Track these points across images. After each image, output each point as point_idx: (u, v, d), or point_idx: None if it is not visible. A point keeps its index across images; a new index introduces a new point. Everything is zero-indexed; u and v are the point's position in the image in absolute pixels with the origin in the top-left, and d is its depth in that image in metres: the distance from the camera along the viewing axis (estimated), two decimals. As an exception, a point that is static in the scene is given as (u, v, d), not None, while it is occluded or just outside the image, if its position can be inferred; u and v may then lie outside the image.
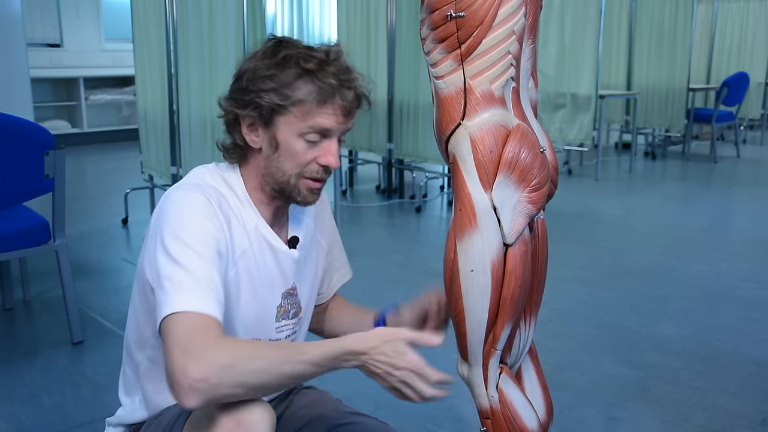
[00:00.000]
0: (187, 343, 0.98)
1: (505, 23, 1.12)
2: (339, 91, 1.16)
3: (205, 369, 0.95)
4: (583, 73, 6.12)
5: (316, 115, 1.16)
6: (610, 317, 2.99)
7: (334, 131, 1.18)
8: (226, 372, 0.96)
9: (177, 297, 1.03)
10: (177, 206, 1.14)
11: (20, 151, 2.35)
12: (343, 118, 1.18)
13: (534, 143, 1.17)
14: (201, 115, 3.94)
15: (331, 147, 1.19)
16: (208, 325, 1.01)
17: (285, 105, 1.15)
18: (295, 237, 1.31)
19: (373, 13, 5.49)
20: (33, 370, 2.46)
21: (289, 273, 1.29)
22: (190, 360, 0.96)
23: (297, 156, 1.18)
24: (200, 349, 0.97)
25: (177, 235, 1.09)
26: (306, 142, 1.18)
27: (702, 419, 2.15)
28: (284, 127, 1.17)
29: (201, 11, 3.86)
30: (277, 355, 1.01)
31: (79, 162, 6.78)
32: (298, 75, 1.15)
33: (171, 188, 1.20)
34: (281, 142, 1.18)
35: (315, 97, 1.15)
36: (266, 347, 1.05)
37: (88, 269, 3.58)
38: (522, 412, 1.27)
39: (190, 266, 1.06)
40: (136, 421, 1.31)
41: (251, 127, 1.20)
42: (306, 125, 1.16)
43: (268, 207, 1.26)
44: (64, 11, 7.69)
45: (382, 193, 5.56)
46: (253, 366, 0.98)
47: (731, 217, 5.15)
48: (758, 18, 8.61)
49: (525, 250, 1.19)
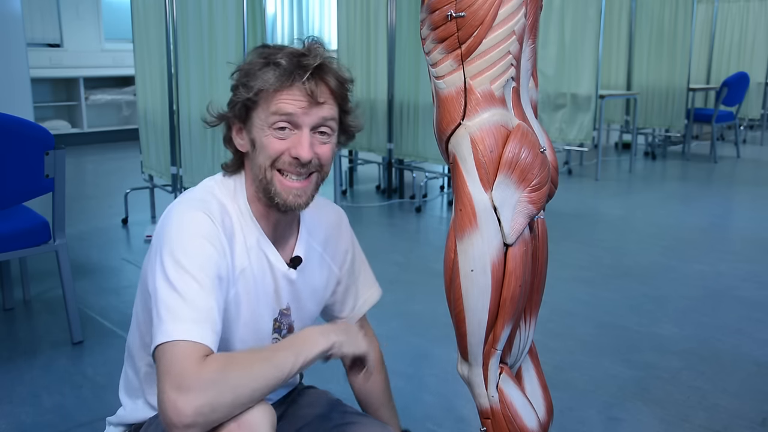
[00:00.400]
0: (177, 376, 0.98)
1: (506, 23, 1.12)
2: (297, 73, 1.14)
3: (196, 404, 0.96)
4: (583, 73, 6.12)
5: (277, 101, 1.14)
6: (610, 317, 2.99)
7: (299, 117, 1.15)
8: (216, 401, 0.97)
9: (171, 325, 1.03)
10: (178, 226, 1.13)
11: (20, 151, 2.35)
12: (306, 102, 1.15)
13: (534, 143, 1.17)
14: (201, 115, 3.92)
15: (302, 138, 1.16)
16: (199, 352, 1.01)
17: (250, 97, 1.15)
18: (297, 257, 1.29)
19: (373, 13, 5.49)
20: (33, 370, 2.46)
21: (284, 293, 1.28)
22: (181, 395, 0.96)
23: (267, 148, 1.16)
24: (189, 383, 0.97)
25: (177, 259, 1.08)
26: (275, 134, 1.16)
27: (702, 419, 2.15)
28: (256, 122, 1.17)
29: (201, 11, 3.86)
30: (265, 367, 1.03)
31: (79, 162, 6.78)
32: (263, 65, 1.15)
33: (175, 202, 1.20)
34: (255, 138, 1.18)
35: (273, 82, 1.14)
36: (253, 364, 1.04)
37: (88, 269, 3.58)
38: (522, 412, 1.27)
39: (187, 294, 1.06)
40: (137, 420, 1.32)
41: (239, 132, 1.21)
42: (269, 113, 1.15)
43: (268, 221, 1.24)
44: (64, 11, 7.69)
45: (382, 193, 5.56)
46: (243, 387, 1.00)
47: (731, 217, 5.15)
48: (758, 18, 8.61)
49: (525, 250, 1.19)
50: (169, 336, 1.02)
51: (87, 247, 3.94)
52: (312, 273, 1.33)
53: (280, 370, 1.04)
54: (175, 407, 0.95)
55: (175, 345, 1.01)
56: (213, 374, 0.98)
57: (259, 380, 1.01)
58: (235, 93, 1.17)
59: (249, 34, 3.97)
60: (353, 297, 1.45)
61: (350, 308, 1.45)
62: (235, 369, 1.00)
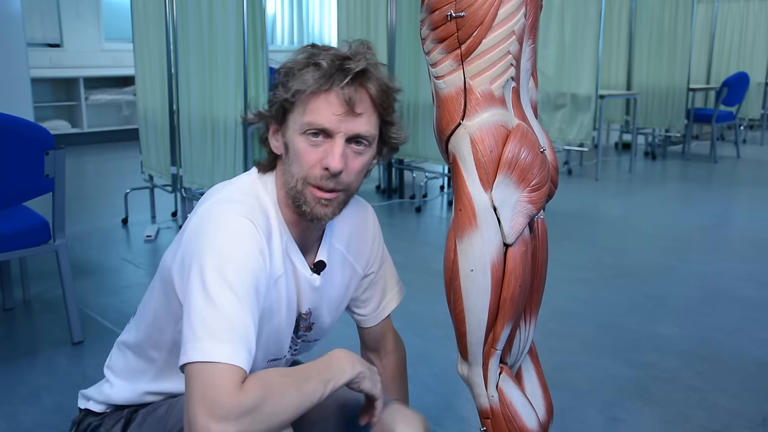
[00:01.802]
0: (213, 402, 0.95)
1: (505, 23, 1.12)
2: (336, 78, 1.08)
3: (233, 429, 0.94)
4: (583, 73, 6.12)
5: (313, 108, 1.09)
6: (610, 317, 2.99)
7: (332, 129, 1.10)
8: (249, 429, 0.96)
9: (207, 343, 0.99)
10: (221, 231, 1.08)
11: (20, 151, 2.35)
12: (342, 110, 1.09)
13: (534, 143, 1.17)
14: (201, 115, 3.94)
15: (334, 148, 1.10)
16: (236, 378, 0.98)
17: (287, 98, 1.10)
18: (320, 261, 1.26)
19: (373, 13, 5.49)
20: (33, 370, 2.46)
21: (307, 299, 1.26)
22: (214, 422, 0.94)
23: (300, 156, 1.11)
24: (226, 412, 0.94)
25: (218, 268, 1.03)
26: (308, 141, 1.11)
27: (702, 419, 2.15)
28: (291, 124, 1.13)
29: (201, 11, 3.86)
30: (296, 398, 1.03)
31: (79, 162, 6.78)
32: (304, 65, 1.10)
33: (215, 200, 1.14)
34: (289, 142, 1.14)
35: (311, 84, 1.08)
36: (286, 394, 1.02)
37: (88, 269, 3.58)
38: (522, 412, 1.27)
39: (226, 309, 1.02)
40: (126, 402, 1.30)
41: (275, 132, 1.16)
42: (303, 120, 1.10)
43: (297, 228, 1.20)
44: (64, 11, 7.69)
45: (382, 193, 5.56)
46: (276, 415, 1.00)
47: (731, 217, 5.15)
48: (758, 18, 8.61)
49: (525, 250, 1.19)
50: (205, 356, 0.98)
51: (87, 247, 3.94)
52: (334, 275, 1.30)
53: (310, 399, 1.05)
54: (202, 428, 0.94)
55: (211, 367, 0.97)
56: (249, 404, 0.96)
57: (291, 410, 1.02)
58: (274, 92, 1.13)
59: (249, 34, 3.97)
60: (378, 296, 1.42)
61: (373, 308, 1.43)
62: (270, 399, 0.99)
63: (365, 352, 1.47)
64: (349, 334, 1.57)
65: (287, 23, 9.83)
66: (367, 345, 1.47)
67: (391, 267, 1.46)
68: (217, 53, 3.89)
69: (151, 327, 1.26)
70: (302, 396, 1.03)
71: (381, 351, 1.47)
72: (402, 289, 1.47)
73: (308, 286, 1.25)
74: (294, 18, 9.86)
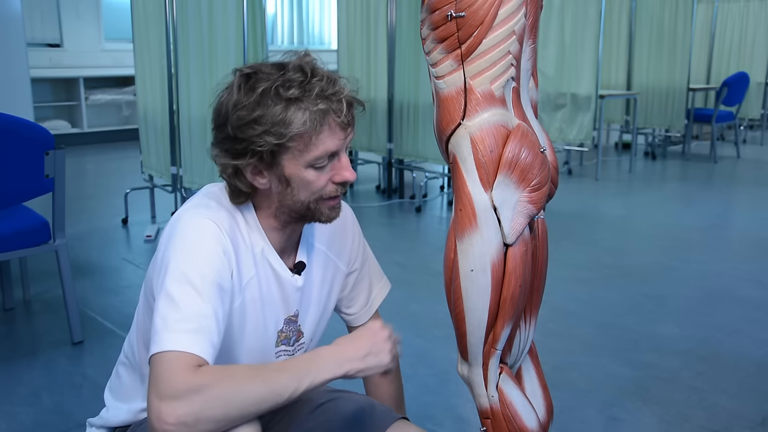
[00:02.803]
0: (164, 383, 0.95)
1: (506, 23, 1.12)
2: (332, 110, 1.11)
3: (179, 413, 0.93)
4: (583, 73, 6.12)
5: (318, 142, 1.11)
6: (610, 317, 2.99)
7: (339, 149, 1.15)
8: (202, 413, 0.94)
9: (164, 335, 1.00)
10: (183, 233, 1.11)
11: (20, 151, 2.35)
12: (342, 132, 1.13)
13: (534, 143, 1.17)
14: (201, 115, 3.94)
15: (342, 162, 1.15)
16: (188, 362, 0.98)
17: (283, 143, 1.10)
18: (300, 262, 1.27)
19: (373, 13, 5.49)
20: (33, 370, 2.46)
21: (292, 300, 1.26)
22: (164, 403, 0.94)
23: (311, 184, 1.14)
24: (174, 391, 0.94)
25: (179, 268, 1.06)
26: (315, 170, 1.14)
27: (702, 419, 2.15)
28: (289, 163, 1.12)
29: (201, 11, 3.86)
30: (260, 388, 0.99)
31: (79, 162, 6.78)
32: (285, 108, 1.09)
33: (183, 209, 1.17)
34: (291, 177, 1.14)
35: (310, 125, 1.09)
36: (248, 382, 0.99)
37: (88, 269, 3.58)
38: (522, 412, 1.27)
39: (184, 304, 1.03)
40: (119, 423, 1.30)
41: (255, 172, 1.14)
42: (312, 156, 1.12)
43: (280, 232, 1.22)
44: (64, 11, 7.69)
45: (382, 193, 5.56)
46: (232, 402, 0.96)
47: (731, 217, 5.15)
48: (758, 18, 8.61)
49: (525, 250, 1.19)
50: (161, 347, 0.99)
51: (87, 247, 3.94)
52: (318, 275, 1.31)
53: (278, 393, 1.00)
54: (158, 415, 0.93)
55: (165, 355, 0.98)
56: (200, 385, 0.95)
57: (251, 399, 0.98)
58: (251, 140, 1.09)
59: (249, 34, 3.97)
60: (365, 293, 1.44)
61: (362, 304, 1.44)
62: (227, 383, 0.97)
63: None
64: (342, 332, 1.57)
65: (287, 23, 9.83)
66: None
67: (374, 263, 1.47)
68: (217, 53, 3.89)
69: (141, 342, 1.26)
70: (268, 388, 0.99)
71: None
72: (387, 283, 1.49)
73: (292, 288, 1.25)
74: (294, 18, 9.86)
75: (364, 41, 5.60)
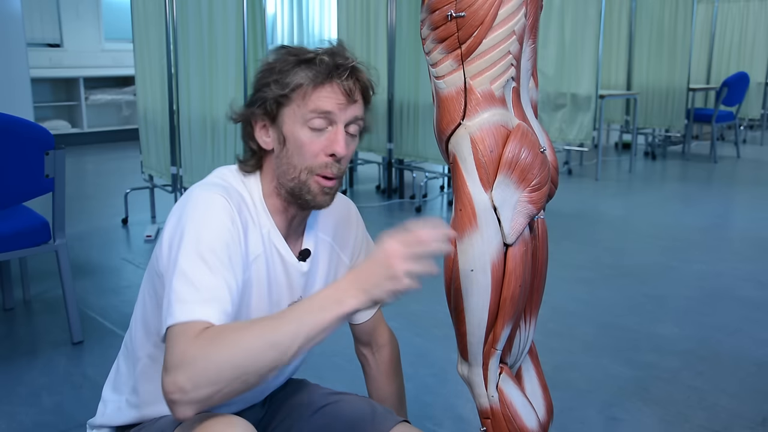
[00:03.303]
0: (167, 357, 0.96)
1: (506, 23, 1.12)
2: (336, 72, 1.15)
3: (177, 379, 0.93)
4: (583, 73, 6.12)
5: (315, 98, 1.15)
6: (610, 317, 2.99)
7: (336, 114, 1.16)
8: (197, 376, 0.93)
9: (175, 307, 1.01)
10: (193, 208, 1.13)
11: (20, 151, 2.35)
12: (344, 99, 1.16)
13: (534, 143, 1.17)
14: (201, 115, 3.94)
15: (337, 135, 1.16)
16: (193, 330, 0.97)
17: (285, 93, 1.15)
18: (306, 250, 1.29)
19: (373, 13, 5.49)
20: (33, 370, 2.46)
21: (297, 285, 1.28)
22: (165, 374, 0.94)
23: (303, 146, 1.16)
24: (173, 360, 0.94)
25: (192, 244, 1.07)
26: (311, 131, 1.16)
27: (702, 419, 2.15)
28: (288, 119, 1.17)
29: (201, 11, 3.86)
30: (253, 341, 0.95)
31: (79, 162, 6.78)
32: (296, 63, 1.16)
33: (195, 185, 1.20)
34: (288, 135, 1.17)
35: (311, 79, 1.15)
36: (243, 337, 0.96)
37: (88, 269, 3.58)
38: (522, 411, 1.27)
39: (197, 278, 1.04)
40: (122, 423, 1.30)
41: (263, 129, 1.20)
42: (307, 110, 1.15)
43: (283, 216, 1.24)
44: (64, 11, 7.69)
45: (382, 193, 5.56)
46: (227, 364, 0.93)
47: (731, 217, 5.15)
48: (758, 18, 8.61)
49: (525, 250, 1.19)
50: (172, 319, 1.00)
51: (87, 247, 3.94)
52: (323, 264, 1.33)
53: (276, 344, 0.94)
54: (163, 387, 0.94)
55: (174, 327, 0.99)
56: (196, 348, 0.94)
57: (246, 354, 0.93)
58: (261, 90, 1.18)
59: (249, 34, 3.97)
60: None
61: None
62: (220, 343, 0.94)
63: (358, 347, 1.49)
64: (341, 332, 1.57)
65: (287, 23, 9.83)
66: (360, 340, 1.48)
67: None
68: (217, 53, 3.89)
69: (141, 320, 1.26)
70: (263, 339, 0.94)
71: (374, 345, 1.48)
72: None
73: (297, 273, 1.27)
74: (294, 18, 9.86)
75: (364, 41, 5.59)
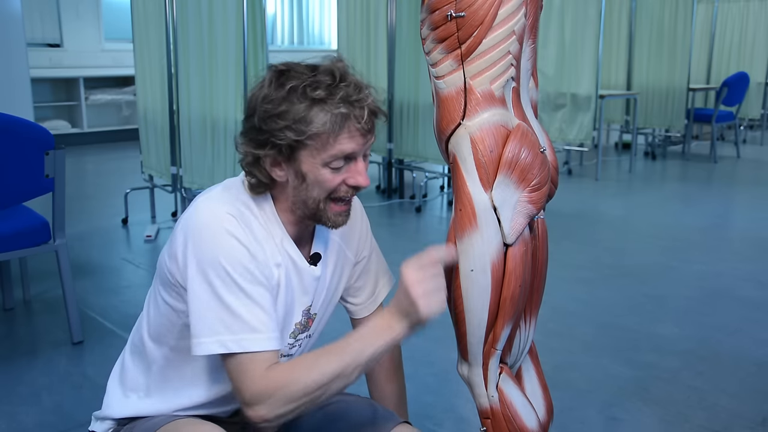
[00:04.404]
0: (243, 392, 1.09)
1: (506, 23, 1.12)
2: (353, 115, 1.13)
3: (260, 414, 1.07)
4: (583, 73, 6.12)
5: (336, 143, 1.13)
6: (610, 317, 2.99)
7: (356, 153, 1.16)
8: (278, 409, 1.07)
9: (232, 336, 1.10)
10: (206, 226, 1.15)
11: (20, 151, 2.35)
12: (362, 138, 1.15)
13: (534, 143, 1.17)
14: (201, 115, 3.94)
15: (358, 167, 1.17)
16: (261, 363, 1.10)
17: (302, 140, 1.13)
18: (316, 253, 1.30)
19: (373, 13, 5.49)
20: (33, 370, 2.46)
21: (310, 289, 1.29)
22: (248, 408, 1.08)
23: (325, 183, 1.16)
24: (251, 397, 1.08)
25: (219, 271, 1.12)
26: (331, 170, 1.16)
27: (702, 419, 2.15)
28: (307, 159, 1.15)
29: (201, 11, 3.86)
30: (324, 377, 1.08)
31: (79, 162, 6.78)
32: (309, 107, 1.12)
33: (202, 198, 1.21)
34: (307, 173, 1.16)
35: (330, 126, 1.12)
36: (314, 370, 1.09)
37: (88, 269, 3.58)
38: (522, 412, 1.27)
39: (237, 303, 1.12)
40: (125, 415, 1.30)
41: (274, 164, 1.18)
42: (328, 155, 1.14)
43: (295, 226, 1.25)
44: (64, 11, 7.69)
45: (382, 193, 5.56)
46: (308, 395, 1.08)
47: (731, 217, 5.15)
48: (758, 18, 8.61)
49: (525, 250, 1.19)
50: (229, 348, 1.10)
51: (87, 247, 3.94)
52: (331, 264, 1.34)
53: (344, 376, 1.09)
54: (248, 415, 1.09)
55: (241, 358, 1.10)
56: (273, 389, 1.07)
57: (320, 389, 1.08)
58: (273, 133, 1.13)
59: (249, 34, 3.97)
60: (371, 284, 1.45)
61: (368, 295, 1.45)
62: (295, 379, 1.07)
63: None
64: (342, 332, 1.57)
65: (287, 23, 9.83)
66: None
67: (380, 256, 1.49)
68: (217, 53, 3.89)
69: (152, 323, 1.27)
70: (334, 372, 1.09)
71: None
72: (391, 278, 1.50)
73: (310, 278, 1.28)
74: (294, 18, 9.85)
75: (364, 41, 5.59)
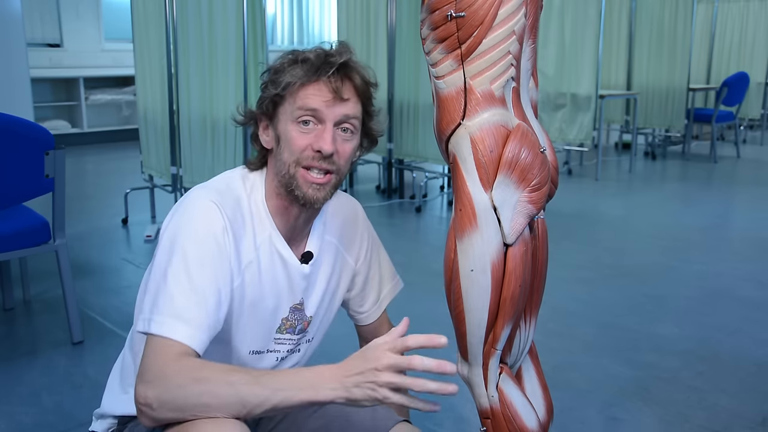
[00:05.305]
0: (144, 367, 1.05)
1: (506, 23, 1.12)
2: (323, 69, 1.17)
3: (147, 394, 1.02)
4: (583, 73, 6.12)
5: (303, 96, 1.18)
6: (610, 317, 2.99)
7: (322, 112, 1.18)
8: (166, 402, 1.01)
9: (156, 317, 1.08)
10: (188, 216, 1.17)
11: (20, 151, 2.35)
12: (330, 97, 1.17)
13: (534, 143, 1.17)
14: (201, 115, 3.94)
15: (325, 132, 1.18)
16: (173, 351, 1.06)
17: (278, 92, 1.18)
18: (308, 252, 1.30)
19: (373, 13, 5.49)
20: (33, 370, 2.46)
21: (298, 288, 1.29)
22: (139, 383, 1.04)
23: (292, 142, 1.19)
24: (149, 375, 1.04)
25: (180, 255, 1.12)
26: (300, 128, 1.18)
27: (702, 419, 2.15)
28: (282, 117, 1.20)
29: (201, 11, 3.86)
30: (226, 391, 1.00)
31: (79, 162, 6.78)
32: (291, 62, 1.19)
33: (195, 188, 1.25)
34: (281, 133, 1.21)
35: (300, 77, 1.17)
36: (217, 384, 1.01)
37: (88, 269, 3.58)
38: (522, 412, 1.27)
39: (179, 289, 1.10)
40: (125, 413, 1.31)
41: (265, 129, 1.24)
42: (295, 107, 1.18)
43: (285, 217, 1.25)
44: (64, 11, 7.69)
45: (382, 193, 5.56)
46: (194, 400, 1.01)
47: (731, 217, 5.15)
48: (758, 18, 8.61)
49: (525, 250, 1.19)
50: (152, 329, 1.08)
51: (87, 247, 3.94)
52: (327, 266, 1.34)
53: (243, 403, 1.00)
54: (135, 391, 1.04)
55: (155, 339, 1.07)
56: (171, 377, 1.02)
57: (215, 401, 1.00)
58: (263, 90, 1.22)
59: (249, 34, 3.97)
60: (375, 291, 1.45)
61: (373, 302, 1.45)
62: (196, 384, 1.01)
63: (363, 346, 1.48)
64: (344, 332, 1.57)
65: (287, 23, 9.83)
66: (366, 340, 1.48)
67: (386, 261, 1.48)
68: (217, 53, 3.89)
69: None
70: (235, 395, 1.00)
71: None
72: (399, 282, 1.50)
73: (298, 276, 1.28)
74: (294, 18, 9.85)
75: (364, 41, 5.59)
